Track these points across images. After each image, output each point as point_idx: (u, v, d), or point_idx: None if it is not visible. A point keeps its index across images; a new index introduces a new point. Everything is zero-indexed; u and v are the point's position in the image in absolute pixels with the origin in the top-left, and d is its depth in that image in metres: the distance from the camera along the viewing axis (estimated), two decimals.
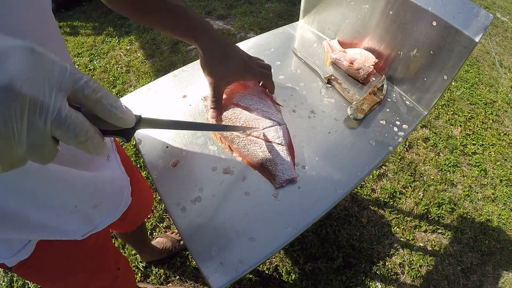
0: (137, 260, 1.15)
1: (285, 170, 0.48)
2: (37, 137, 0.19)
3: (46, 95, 0.19)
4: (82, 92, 0.21)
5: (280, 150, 0.50)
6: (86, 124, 0.21)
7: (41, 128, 0.19)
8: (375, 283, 1.15)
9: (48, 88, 0.19)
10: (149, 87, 0.64)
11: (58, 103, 0.19)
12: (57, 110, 0.19)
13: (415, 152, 1.57)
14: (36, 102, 0.18)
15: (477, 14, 0.53)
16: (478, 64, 2.16)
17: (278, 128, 0.52)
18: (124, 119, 0.24)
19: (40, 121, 0.19)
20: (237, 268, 0.41)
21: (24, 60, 0.18)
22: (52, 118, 0.19)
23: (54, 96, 0.19)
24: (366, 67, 0.66)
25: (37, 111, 0.18)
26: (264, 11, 2.40)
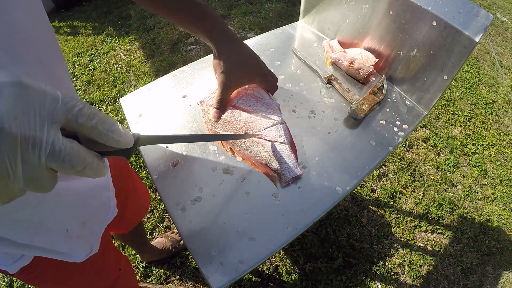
0: (137, 260, 1.15)
1: (290, 168, 0.48)
2: (33, 172, 0.19)
3: (38, 130, 0.18)
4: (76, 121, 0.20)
5: (284, 149, 0.50)
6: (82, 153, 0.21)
7: (35, 164, 0.18)
8: (375, 283, 1.15)
9: (40, 122, 0.18)
10: (149, 87, 0.64)
11: (51, 137, 0.19)
12: (51, 144, 0.19)
13: (415, 152, 1.57)
14: (28, 139, 0.18)
15: (477, 14, 0.53)
16: (478, 64, 2.16)
17: (279, 127, 0.52)
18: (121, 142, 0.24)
19: (34, 156, 0.18)
20: (237, 268, 0.41)
21: (12, 97, 0.17)
22: (46, 153, 0.19)
23: (46, 130, 0.19)
24: (366, 67, 0.66)
25: (30, 148, 0.18)
26: (264, 11, 2.40)
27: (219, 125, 0.53)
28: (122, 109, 0.61)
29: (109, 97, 1.77)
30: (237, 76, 0.51)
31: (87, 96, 1.78)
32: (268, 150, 0.49)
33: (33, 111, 0.18)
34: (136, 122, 0.58)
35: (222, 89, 0.51)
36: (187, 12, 0.47)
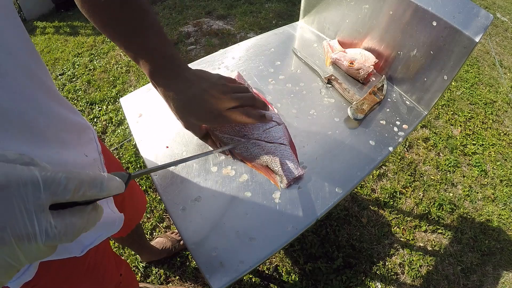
0: (137, 260, 1.15)
1: (291, 169, 0.48)
2: (34, 254, 0.19)
3: (29, 226, 0.18)
4: (63, 198, 0.20)
5: (284, 150, 0.50)
6: (77, 225, 0.21)
7: (35, 249, 0.19)
8: (375, 283, 1.15)
9: (28, 218, 0.18)
10: (149, 87, 0.64)
11: (43, 227, 0.19)
12: (44, 232, 0.19)
13: (415, 152, 1.57)
14: (22, 237, 0.18)
15: (477, 14, 0.53)
16: (478, 64, 2.16)
17: (278, 128, 0.52)
18: (112, 193, 0.23)
19: (32, 246, 0.19)
20: (237, 268, 0.41)
21: None
22: (43, 241, 0.19)
23: (36, 223, 0.19)
24: (366, 67, 0.66)
25: (26, 243, 0.18)
26: (264, 11, 2.40)
27: (218, 128, 0.52)
28: (122, 109, 0.61)
29: (109, 97, 1.77)
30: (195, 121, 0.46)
31: (87, 96, 1.78)
32: (268, 151, 0.49)
33: (18, 210, 0.18)
34: (136, 122, 0.57)
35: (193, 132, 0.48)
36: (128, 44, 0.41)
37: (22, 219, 0.18)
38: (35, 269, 0.41)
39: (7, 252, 0.18)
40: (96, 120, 1.66)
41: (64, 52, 2.12)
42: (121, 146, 1.52)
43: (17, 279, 0.40)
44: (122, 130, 1.59)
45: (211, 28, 2.25)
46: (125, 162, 1.45)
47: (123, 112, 0.75)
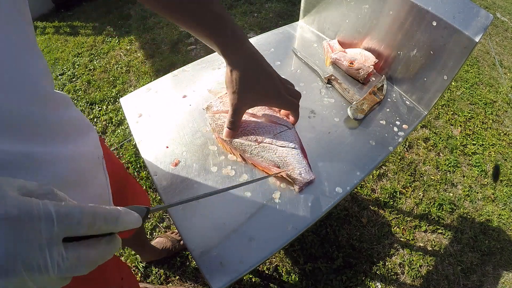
0: (137, 260, 1.15)
1: (304, 173, 0.48)
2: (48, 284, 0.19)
3: (40, 259, 0.18)
4: (77, 233, 0.20)
5: (295, 154, 0.49)
6: (90, 257, 0.21)
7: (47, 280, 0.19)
8: (375, 283, 1.15)
9: (40, 251, 0.18)
10: (149, 87, 0.64)
11: (54, 260, 0.19)
12: (56, 264, 0.19)
13: (415, 152, 1.57)
14: (33, 269, 0.18)
15: (477, 14, 0.53)
16: (478, 64, 2.16)
17: (289, 132, 0.51)
18: (129, 227, 0.23)
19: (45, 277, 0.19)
20: (237, 268, 0.41)
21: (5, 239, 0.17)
22: (55, 273, 0.19)
23: (48, 256, 0.19)
24: (366, 67, 0.66)
25: (37, 274, 0.18)
26: (264, 11, 2.40)
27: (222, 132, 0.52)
28: (122, 109, 0.61)
29: (109, 97, 1.77)
30: (250, 98, 0.47)
31: (87, 96, 1.78)
32: (280, 155, 0.49)
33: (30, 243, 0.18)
34: (136, 122, 0.58)
35: (233, 111, 0.47)
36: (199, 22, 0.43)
37: (33, 251, 0.18)
38: None
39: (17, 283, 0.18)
40: (96, 120, 1.66)
41: (64, 52, 2.12)
42: (121, 146, 1.52)
43: None
44: (122, 130, 1.59)
45: None
46: (125, 162, 1.45)
47: (123, 112, 0.75)
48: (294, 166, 0.48)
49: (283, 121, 0.53)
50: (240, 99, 0.46)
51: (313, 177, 0.48)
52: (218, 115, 0.54)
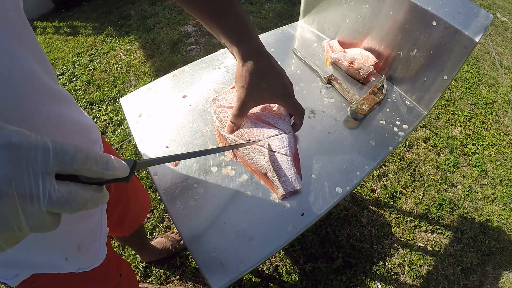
0: (137, 260, 1.15)
1: (288, 182, 0.47)
2: (36, 220, 0.20)
3: (33, 186, 0.19)
4: (70, 168, 0.21)
5: (284, 161, 0.48)
6: (80, 194, 0.22)
7: (37, 213, 0.19)
8: (375, 283, 1.15)
9: (34, 178, 0.19)
10: (149, 87, 0.64)
11: (46, 189, 0.19)
12: (47, 195, 0.19)
13: (415, 152, 1.57)
14: (25, 196, 0.19)
15: (477, 14, 0.53)
16: (478, 64, 2.16)
17: (284, 137, 0.50)
18: (117, 175, 0.24)
19: (34, 209, 0.19)
20: (237, 268, 0.41)
21: (3, 161, 0.18)
22: (45, 204, 0.19)
23: (41, 184, 0.19)
24: (366, 67, 0.66)
25: (28, 203, 0.19)
26: (264, 11, 2.40)
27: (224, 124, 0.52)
28: (122, 109, 0.61)
29: (109, 97, 1.77)
30: (258, 94, 0.47)
31: (87, 96, 1.78)
32: (268, 160, 0.48)
33: (26, 169, 0.19)
34: (136, 122, 0.58)
35: (239, 105, 0.47)
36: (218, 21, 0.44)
37: (28, 178, 0.19)
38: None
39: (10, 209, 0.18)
40: (96, 120, 1.66)
41: (64, 52, 2.12)
42: (121, 146, 1.52)
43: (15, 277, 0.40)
44: (122, 130, 1.59)
45: None
46: None
47: (123, 112, 0.75)
48: (279, 173, 0.47)
49: (281, 125, 0.51)
50: (248, 94, 0.46)
51: (298, 187, 0.47)
52: (221, 109, 0.54)
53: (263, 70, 0.45)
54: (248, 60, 0.45)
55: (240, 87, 0.46)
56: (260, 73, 0.45)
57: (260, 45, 0.45)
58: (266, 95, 0.47)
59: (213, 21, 0.45)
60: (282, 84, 0.47)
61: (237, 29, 0.44)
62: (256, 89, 0.46)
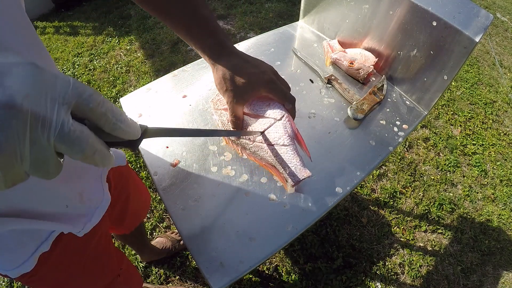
0: (137, 260, 1.15)
1: (295, 173, 0.46)
2: (41, 153, 0.18)
3: (48, 110, 0.18)
4: (86, 105, 0.20)
5: (285, 152, 0.47)
6: (91, 138, 0.21)
7: (44, 144, 0.18)
8: (375, 283, 1.15)
9: (50, 102, 0.18)
10: (149, 87, 0.64)
11: (60, 117, 0.19)
12: (60, 124, 0.18)
13: (415, 152, 1.57)
14: (38, 117, 0.17)
15: (477, 14, 0.53)
16: (478, 64, 2.16)
17: (278, 125, 0.48)
18: (129, 132, 0.24)
19: (43, 137, 0.18)
20: (237, 268, 0.41)
21: (24, 76, 0.17)
22: (55, 134, 0.18)
23: (56, 110, 0.18)
24: (366, 67, 0.66)
25: (39, 127, 0.18)
26: (264, 11, 2.40)
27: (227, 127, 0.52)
28: (122, 109, 0.61)
29: (109, 97, 1.77)
30: (241, 92, 0.46)
31: None
32: (271, 154, 0.48)
33: (44, 91, 0.18)
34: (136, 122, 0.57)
35: (230, 110, 0.48)
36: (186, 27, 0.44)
37: (44, 100, 0.18)
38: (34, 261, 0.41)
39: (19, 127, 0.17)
40: None
41: (64, 52, 2.12)
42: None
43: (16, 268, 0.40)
44: None
45: None
46: None
47: None
48: (284, 166, 0.47)
49: (271, 112, 0.49)
50: (232, 96, 0.46)
51: (304, 176, 0.46)
52: (220, 112, 0.54)
53: (237, 67, 0.45)
54: (220, 63, 0.45)
55: (224, 93, 0.46)
56: (234, 70, 0.44)
57: (229, 46, 0.45)
58: (249, 90, 0.46)
59: (182, 27, 0.44)
60: (259, 72, 0.46)
61: (205, 34, 0.44)
62: (237, 87, 0.45)
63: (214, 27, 0.45)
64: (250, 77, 0.45)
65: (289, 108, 0.49)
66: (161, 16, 0.45)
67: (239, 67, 0.45)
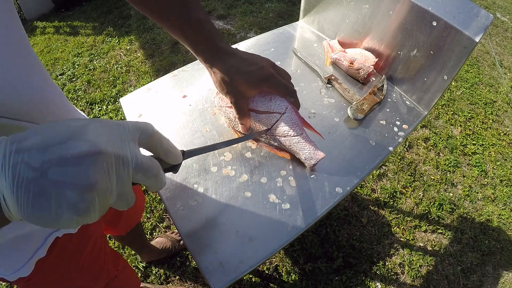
0: (137, 260, 1.15)
1: (308, 158, 0.49)
2: (123, 185, 0.23)
3: (124, 149, 0.23)
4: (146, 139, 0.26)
5: (296, 142, 0.49)
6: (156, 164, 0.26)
7: (125, 177, 0.23)
8: (375, 283, 1.15)
9: (123, 142, 0.24)
10: (149, 87, 0.64)
11: (134, 153, 0.24)
12: (135, 158, 0.24)
13: (415, 152, 1.57)
14: (118, 156, 0.23)
15: (477, 14, 0.53)
16: (478, 64, 2.16)
17: (285, 118, 0.50)
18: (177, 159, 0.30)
19: (124, 171, 0.23)
20: (237, 268, 0.41)
21: (98, 129, 0.23)
22: (133, 166, 0.24)
23: (129, 149, 0.24)
24: (366, 67, 0.66)
25: (121, 164, 0.23)
26: (264, 11, 2.40)
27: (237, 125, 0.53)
28: (122, 109, 0.61)
29: (109, 97, 1.77)
30: (242, 91, 0.46)
31: (87, 96, 1.78)
32: (285, 144, 0.50)
33: (116, 135, 0.24)
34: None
35: (236, 109, 0.48)
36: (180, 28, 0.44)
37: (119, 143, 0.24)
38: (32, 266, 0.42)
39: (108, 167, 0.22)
40: None
41: (64, 52, 2.12)
42: None
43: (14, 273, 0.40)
44: None
45: None
46: None
47: (123, 112, 0.75)
48: (298, 152, 0.49)
49: (274, 106, 0.50)
50: (235, 95, 0.46)
51: (319, 159, 0.48)
52: (225, 109, 0.54)
53: (234, 67, 0.44)
54: (216, 66, 0.44)
55: (225, 94, 0.47)
56: (232, 71, 0.44)
57: (223, 47, 0.45)
58: (249, 88, 0.46)
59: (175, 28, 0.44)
60: (257, 69, 0.45)
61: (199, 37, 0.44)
62: (238, 88, 0.45)
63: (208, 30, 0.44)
64: (249, 76, 0.45)
65: (291, 101, 0.50)
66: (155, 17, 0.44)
67: (236, 67, 0.44)
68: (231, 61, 0.45)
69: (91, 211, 0.21)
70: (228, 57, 0.45)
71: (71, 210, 0.20)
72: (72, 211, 0.20)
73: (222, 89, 0.46)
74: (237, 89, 0.45)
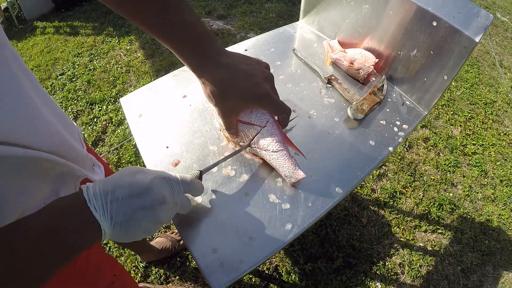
0: (137, 260, 1.15)
1: (288, 176, 0.47)
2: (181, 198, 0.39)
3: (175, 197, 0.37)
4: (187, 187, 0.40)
5: (276, 158, 0.47)
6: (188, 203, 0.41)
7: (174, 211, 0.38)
8: (375, 283, 1.15)
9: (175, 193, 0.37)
10: (149, 87, 0.64)
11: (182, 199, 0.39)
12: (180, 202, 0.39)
13: (415, 152, 1.57)
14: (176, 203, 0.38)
15: (477, 14, 0.53)
16: (478, 64, 2.16)
17: (264, 132, 0.48)
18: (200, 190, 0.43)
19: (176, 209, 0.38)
20: (237, 268, 0.41)
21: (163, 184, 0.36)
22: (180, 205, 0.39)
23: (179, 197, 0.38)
24: (366, 67, 0.66)
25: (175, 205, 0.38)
26: (264, 11, 2.40)
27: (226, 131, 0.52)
28: (122, 109, 0.61)
29: (109, 97, 1.77)
30: (232, 106, 0.44)
31: (87, 96, 1.78)
32: (267, 159, 0.49)
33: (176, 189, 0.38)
34: (136, 122, 0.57)
35: (223, 121, 0.47)
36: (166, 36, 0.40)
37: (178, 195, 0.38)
38: None
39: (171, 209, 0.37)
40: (96, 120, 1.66)
41: (64, 52, 2.12)
42: (121, 146, 1.52)
43: None
44: (122, 130, 1.59)
45: (211, 28, 2.25)
46: (125, 162, 1.45)
47: (123, 112, 0.75)
48: (278, 169, 0.48)
49: (255, 119, 0.48)
50: (224, 109, 0.44)
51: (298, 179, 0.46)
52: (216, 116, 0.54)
53: (225, 81, 0.41)
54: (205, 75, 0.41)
55: (214, 106, 0.44)
56: (223, 84, 0.41)
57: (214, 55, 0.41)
58: (241, 105, 0.44)
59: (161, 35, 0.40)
60: (252, 85, 0.42)
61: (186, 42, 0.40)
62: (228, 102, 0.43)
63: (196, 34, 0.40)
64: (242, 93, 0.42)
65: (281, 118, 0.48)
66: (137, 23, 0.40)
67: (228, 80, 0.41)
68: (223, 74, 0.41)
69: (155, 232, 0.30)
70: (220, 67, 0.41)
71: (147, 234, 0.35)
72: (148, 234, 0.35)
73: (211, 101, 0.43)
74: (227, 103, 0.43)
